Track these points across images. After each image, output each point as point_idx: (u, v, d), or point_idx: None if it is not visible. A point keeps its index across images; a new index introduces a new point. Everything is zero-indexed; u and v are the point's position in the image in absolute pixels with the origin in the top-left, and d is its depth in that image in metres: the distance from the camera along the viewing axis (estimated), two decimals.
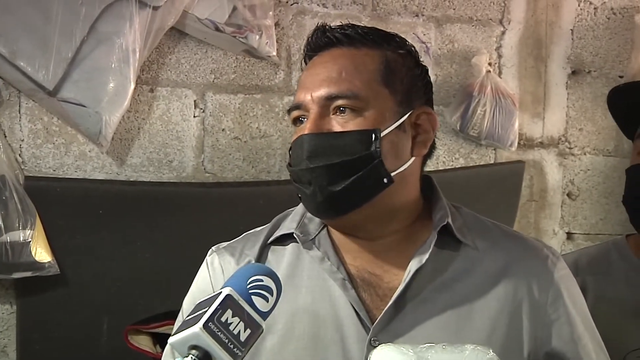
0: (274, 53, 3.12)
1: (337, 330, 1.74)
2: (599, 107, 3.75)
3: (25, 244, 2.68)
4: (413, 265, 1.75)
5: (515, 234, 1.93)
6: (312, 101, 1.74)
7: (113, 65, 2.78)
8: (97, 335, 2.88)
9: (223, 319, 1.38)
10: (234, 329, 1.39)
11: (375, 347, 1.59)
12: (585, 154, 3.77)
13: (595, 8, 3.74)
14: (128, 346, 2.68)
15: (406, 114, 1.76)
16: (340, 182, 1.70)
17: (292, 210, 1.93)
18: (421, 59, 1.88)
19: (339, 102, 1.71)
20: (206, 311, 1.38)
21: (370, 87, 1.73)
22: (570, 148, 3.75)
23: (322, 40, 1.82)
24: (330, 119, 1.73)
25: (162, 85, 3.08)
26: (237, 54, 3.16)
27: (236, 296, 1.42)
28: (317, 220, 1.86)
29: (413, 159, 1.78)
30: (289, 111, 1.81)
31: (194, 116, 3.13)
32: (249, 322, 1.41)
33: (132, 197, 2.93)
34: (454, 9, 3.51)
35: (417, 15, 3.44)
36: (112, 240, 2.89)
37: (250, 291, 1.45)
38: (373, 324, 1.72)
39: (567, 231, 3.79)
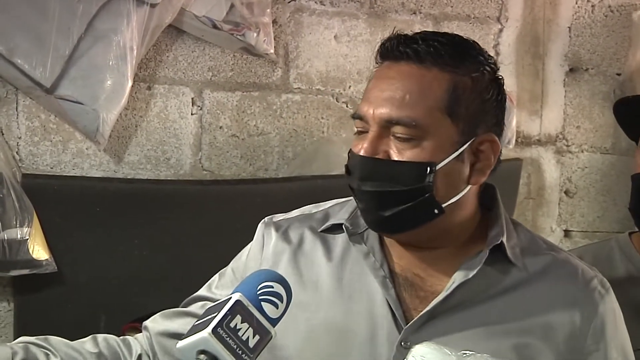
0: (272, 50, 3.12)
1: (369, 327, 1.74)
2: (596, 104, 3.75)
3: (23, 242, 2.68)
4: (458, 277, 1.73)
5: (568, 259, 1.86)
6: (373, 119, 1.70)
7: (110, 63, 2.77)
8: (95, 332, 2.85)
9: (232, 325, 1.38)
10: (242, 335, 1.38)
11: (406, 349, 1.59)
12: (582, 151, 3.77)
13: (592, 5, 3.73)
14: None
15: (467, 142, 1.72)
16: (389, 209, 1.70)
17: (348, 200, 1.90)
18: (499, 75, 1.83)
19: (398, 128, 1.68)
20: (215, 316, 1.38)
21: (432, 115, 1.68)
22: (567, 146, 3.75)
23: (394, 53, 1.75)
24: (389, 140, 1.69)
25: (160, 82, 3.08)
26: (235, 51, 3.16)
27: (246, 302, 1.42)
28: None
29: (469, 187, 1.76)
30: (353, 117, 1.78)
31: (192, 114, 3.13)
32: (258, 328, 1.41)
33: (130, 195, 2.92)
34: (451, 7, 3.51)
35: (414, 13, 3.44)
36: (110, 237, 2.88)
37: (260, 297, 1.45)
38: (407, 324, 1.71)
39: (564, 229, 3.79)
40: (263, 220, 1.96)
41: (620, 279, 2.35)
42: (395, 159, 1.68)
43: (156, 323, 1.94)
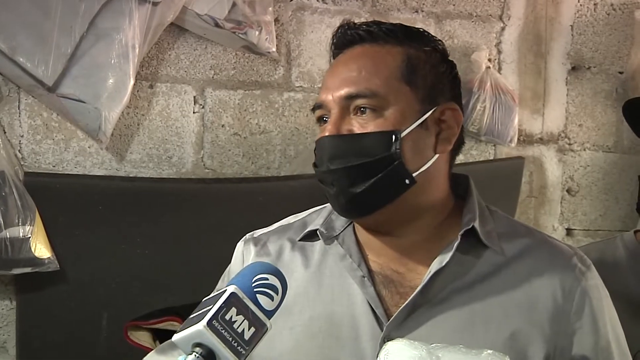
0: (274, 49, 3.11)
1: (352, 328, 1.73)
2: (598, 103, 3.76)
3: (25, 240, 2.68)
4: (434, 266, 1.73)
5: (547, 240, 1.86)
6: (333, 101, 1.73)
7: (112, 61, 2.77)
8: (97, 331, 2.88)
9: (227, 317, 1.38)
10: (238, 327, 1.38)
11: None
12: (584, 150, 3.77)
13: (595, 4, 3.74)
14: (127, 342, 2.68)
15: (429, 111, 1.74)
16: (361, 184, 1.69)
17: (324, 207, 1.92)
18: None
19: (358, 101, 1.70)
20: (210, 309, 1.38)
21: (390, 84, 1.71)
22: (569, 144, 3.75)
23: (345, 38, 1.80)
24: (351, 119, 1.71)
25: (162, 81, 3.08)
26: (237, 49, 3.16)
27: (241, 294, 1.42)
28: (344, 219, 1.86)
29: (437, 156, 1.76)
30: (313, 110, 1.80)
31: (194, 112, 3.13)
32: (254, 321, 1.41)
33: (132, 193, 2.92)
34: (453, 5, 3.51)
35: (416, 11, 3.44)
36: (112, 236, 2.88)
37: (255, 290, 1.45)
38: (389, 321, 1.71)
39: (566, 227, 3.79)
40: (243, 238, 1.97)
41: (626, 277, 2.35)
42: (360, 131, 1.71)
43: (152, 359, 1.94)
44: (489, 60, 3.50)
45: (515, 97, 3.50)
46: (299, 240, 1.88)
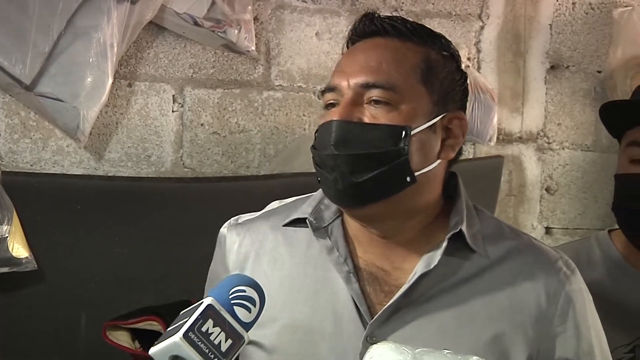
0: (253, 48, 3.11)
1: (334, 323, 1.73)
2: (577, 102, 3.77)
3: (2, 240, 2.65)
4: (420, 268, 1.73)
5: (533, 243, 1.88)
6: (348, 87, 1.72)
7: (91, 60, 2.76)
8: (75, 331, 2.86)
9: (204, 329, 1.38)
10: (214, 339, 1.39)
11: (371, 344, 1.57)
12: (563, 148, 3.78)
13: (573, 3, 3.75)
14: (106, 342, 2.66)
15: (440, 115, 1.74)
16: (363, 174, 1.68)
17: (311, 195, 1.91)
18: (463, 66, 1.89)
19: (375, 92, 1.70)
20: (187, 321, 1.38)
21: (407, 81, 1.72)
22: (548, 143, 3.76)
23: (370, 28, 1.80)
24: (363, 108, 1.71)
25: (141, 79, 3.07)
26: (216, 48, 3.15)
27: (217, 306, 1.42)
28: (333, 208, 1.84)
29: (439, 161, 1.76)
30: (323, 92, 1.79)
31: (173, 111, 3.12)
32: (231, 333, 1.42)
33: (110, 193, 2.91)
34: (432, 4, 3.51)
35: (396, 10, 3.44)
36: (90, 235, 2.87)
37: (232, 302, 1.46)
38: (372, 319, 1.71)
39: (545, 226, 3.80)
40: (227, 223, 1.97)
41: (600, 276, 2.35)
42: (372, 122, 1.70)
43: None
44: (468, 59, 3.51)
45: (494, 96, 3.50)
46: (284, 226, 1.87)
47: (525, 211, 3.77)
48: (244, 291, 1.48)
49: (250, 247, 1.87)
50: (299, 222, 1.85)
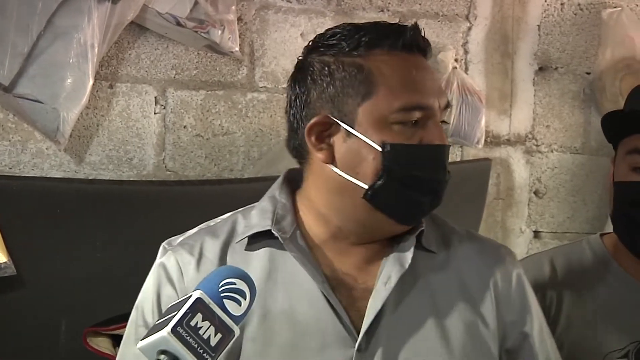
0: (237, 48, 3.09)
1: (318, 336, 1.68)
2: (566, 104, 3.77)
3: None
4: (392, 270, 1.72)
5: (474, 235, 1.95)
6: (439, 108, 1.71)
7: (71, 61, 2.74)
8: (55, 337, 2.84)
9: (192, 323, 1.35)
10: (204, 334, 1.36)
11: (362, 351, 1.62)
12: (552, 151, 3.77)
13: (562, 4, 3.75)
14: (87, 348, 2.64)
15: None
16: (442, 199, 1.76)
17: (251, 208, 1.85)
18: None
19: (445, 113, 1.74)
20: (175, 315, 1.35)
21: None
22: (537, 145, 3.75)
23: (420, 45, 1.75)
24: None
25: (122, 81, 3.04)
26: (199, 49, 3.13)
27: (207, 300, 1.39)
28: (289, 218, 1.77)
29: None
30: (408, 110, 1.70)
31: (155, 113, 3.10)
32: (220, 326, 1.38)
33: (91, 196, 2.88)
34: (419, 4, 3.50)
35: (382, 11, 3.43)
36: (71, 240, 2.84)
37: (222, 294, 1.42)
38: (354, 327, 1.68)
39: (534, 230, 3.79)
40: (163, 246, 1.88)
41: (593, 281, 2.34)
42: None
43: None
44: (456, 60, 3.50)
45: (482, 97, 3.49)
46: (236, 243, 1.78)
47: (514, 215, 3.76)
48: (234, 284, 1.44)
49: (210, 266, 1.75)
50: (254, 238, 1.77)
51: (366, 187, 1.69)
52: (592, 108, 3.77)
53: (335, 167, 1.71)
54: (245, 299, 1.44)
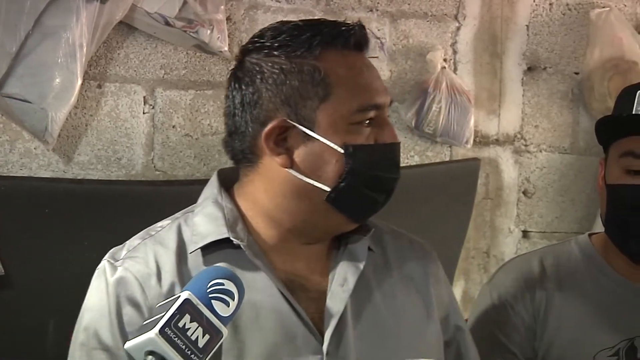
0: (226, 48, 3.08)
1: (290, 344, 1.66)
2: (554, 104, 3.78)
3: None
4: (350, 272, 1.74)
5: (399, 231, 2.00)
6: (387, 105, 1.75)
7: (59, 60, 2.72)
8: (43, 338, 2.83)
9: (180, 324, 1.37)
10: (192, 335, 1.37)
11: (331, 354, 1.63)
12: (541, 151, 3.78)
13: (550, 4, 3.75)
14: None
15: None
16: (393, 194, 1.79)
17: (191, 214, 1.83)
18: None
19: (387, 111, 1.76)
20: (163, 316, 1.36)
21: None
22: (526, 145, 3.76)
23: (365, 43, 1.77)
24: None
25: (110, 80, 3.03)
26: (188, 49, 3.12)
27: (195, 300, 1.40)
28: (240, 224, 1.73)
29: None
30: (363, 110, 1.70)
31: (144, 112, 3.08)
32: (208, 328, 1.40)
33: (80, 196, 2.87)
34: (408, 4, 3.50)
35: (371, 10, 3.43)
36: (59, 240, 2.83)
37: (210, 295, 1.43)
38: (318, 330, 1.68)
39: (522, 229, 3.79)
40: (107, 261, 1.83)
41: (582, 281, 2.35)
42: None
43: None
44: (445, 60, 3.50)
45: (470, 97, 3.50)
46: (191, 253, 1.73)
47: (502, 215, 3.76)
48: (222, 284, 1.45)
49: (170, 277, 1.69)
50: (208, 246, 1.71)
51: (329, 189, 1.68)
52: (581, 108, 3.78)
53: (295, 171, 1.68)
54: (233, 300, 1.46)
